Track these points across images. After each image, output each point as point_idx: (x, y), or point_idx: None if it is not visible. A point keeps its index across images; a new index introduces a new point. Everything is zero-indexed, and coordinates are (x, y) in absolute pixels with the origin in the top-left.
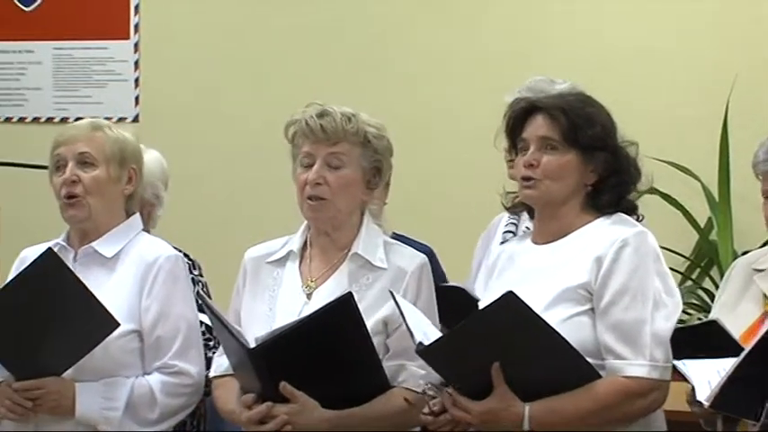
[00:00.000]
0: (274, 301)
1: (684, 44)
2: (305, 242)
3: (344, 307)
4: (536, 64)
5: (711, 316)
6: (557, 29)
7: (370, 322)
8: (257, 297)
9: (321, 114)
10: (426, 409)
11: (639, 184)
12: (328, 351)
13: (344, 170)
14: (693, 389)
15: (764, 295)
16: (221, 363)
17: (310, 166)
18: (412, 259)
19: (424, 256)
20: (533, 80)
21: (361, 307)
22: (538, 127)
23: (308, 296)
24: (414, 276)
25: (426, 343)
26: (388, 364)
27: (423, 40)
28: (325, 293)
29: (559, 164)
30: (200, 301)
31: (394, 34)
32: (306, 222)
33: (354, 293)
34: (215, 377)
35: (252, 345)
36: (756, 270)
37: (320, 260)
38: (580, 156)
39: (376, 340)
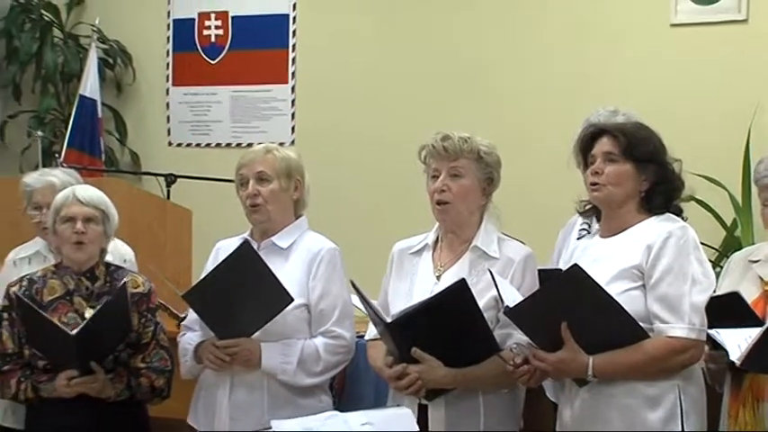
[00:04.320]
0: (412, 284)
1: (717, 82)
2: (437, 237)
3: (459, 290)
4: (593, 93)
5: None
6: (612, 67)
7: (485, 299)
8: (401, 279)
9: (444, 138)
10: (511, 361)
11: (683, 193)
12: (449, 323)
13: (463, 180)
14: (710, 350)
15: (761, 279)
16: (374, 329)
17: (437, 178)
18: (519, 251)
19: (530, 249)
20: (597, 113)
21: (479, 287)
22: (603, 144)
23: (438, 278)
24: (520, 264)
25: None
26: (498, 332)
27: (507, 76)
28: (451, 276)
29: (618, 172)
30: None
31: (487, 72)
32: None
33: (474, 277)
34: (369, 340)
35: (388, 320)
36: (752, 261)
37: (448, 251)
38: (635, 167)
39: (489, 314)
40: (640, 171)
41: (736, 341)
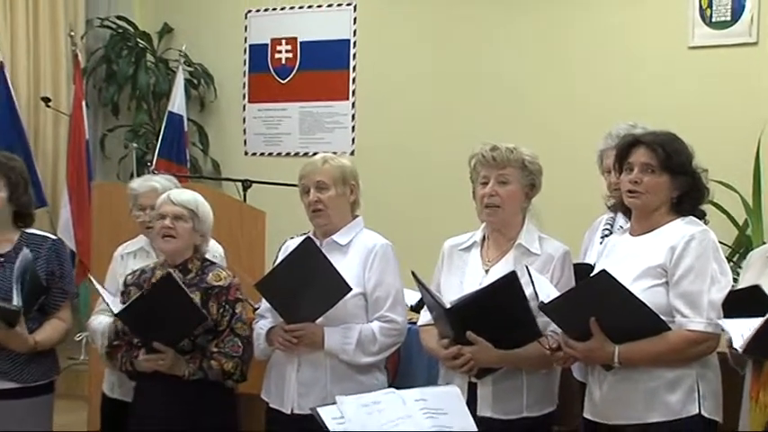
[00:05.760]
0: (463, 276)
1: (730, 98)
2: (484, 235)
3: (510, 281)
4: (620, 110)
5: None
6: (636, 86)
7: (529, 291)
8: (451, 272)
9: (492, 149)
10: (546, 345)
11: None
12: (499, 310)
13: (509, 186)
14: (731, 338)
15: None
16: (426, 316)
17: (486, 184)
18: (558, 248)
19: (567, 247)
20: (618, 126)
21: (523, 280)
22: (641, 155)
23: (486, 272)
24: (559, 261)
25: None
26: (541, 320)
27: (543, 96)
28: (497, 271)
29: (656, 183)
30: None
31: (526, 92)
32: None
33: (518, 271)
34: (421, 326)
35: (447, 306)
36: None
37: (494, 248)
38: (670, 178)
39: (533, 303)
40: (674, 181)
41: (740, 330)
